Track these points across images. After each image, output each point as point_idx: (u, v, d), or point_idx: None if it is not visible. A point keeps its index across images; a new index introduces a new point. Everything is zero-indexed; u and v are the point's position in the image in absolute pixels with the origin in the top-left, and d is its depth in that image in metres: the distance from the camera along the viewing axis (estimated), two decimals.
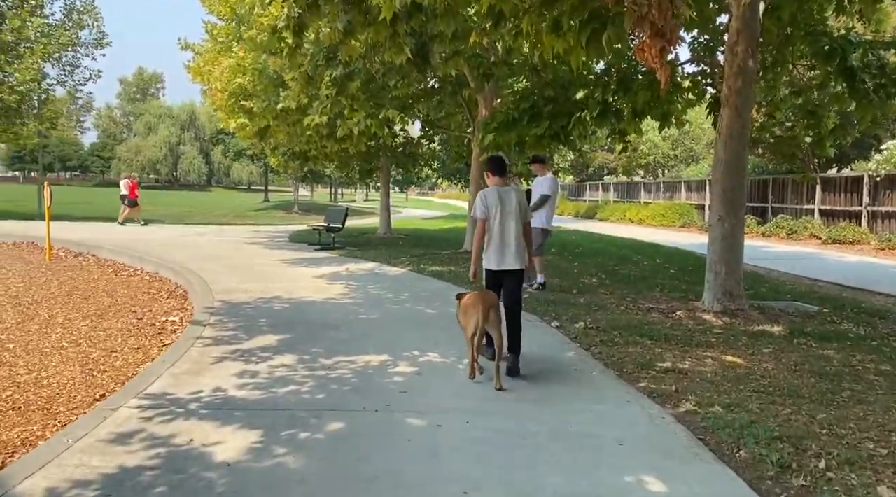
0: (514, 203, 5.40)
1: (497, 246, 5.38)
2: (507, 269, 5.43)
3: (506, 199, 5.39)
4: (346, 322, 6.90)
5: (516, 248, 5.40)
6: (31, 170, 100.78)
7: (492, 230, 5.38)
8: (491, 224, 5.37)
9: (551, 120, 10.28)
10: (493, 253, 5.41)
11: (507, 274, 5.46)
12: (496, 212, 5.35)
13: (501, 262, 5.40)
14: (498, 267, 5.42)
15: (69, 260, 13.46)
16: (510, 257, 5.40)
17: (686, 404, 4.67)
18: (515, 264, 5.43)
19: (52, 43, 23.04)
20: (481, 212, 5.39)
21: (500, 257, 5.40)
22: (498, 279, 5.50)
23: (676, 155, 37.09)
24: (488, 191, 5.45)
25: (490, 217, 5.37)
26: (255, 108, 12.91)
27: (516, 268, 5.45)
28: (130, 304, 8.80)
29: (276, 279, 9.88)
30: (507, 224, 5.36)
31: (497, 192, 5.40)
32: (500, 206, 5.35)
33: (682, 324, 7.50)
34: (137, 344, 6.73)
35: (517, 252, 5.41)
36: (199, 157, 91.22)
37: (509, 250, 5.39)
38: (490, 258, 5.44)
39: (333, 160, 18.94)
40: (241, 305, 7.56)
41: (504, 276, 5.47)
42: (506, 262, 5.40)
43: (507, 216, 5.36)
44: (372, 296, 8.67)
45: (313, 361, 5.35)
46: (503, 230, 5.36)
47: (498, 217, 5.35)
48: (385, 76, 10.61)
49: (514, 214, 5.38)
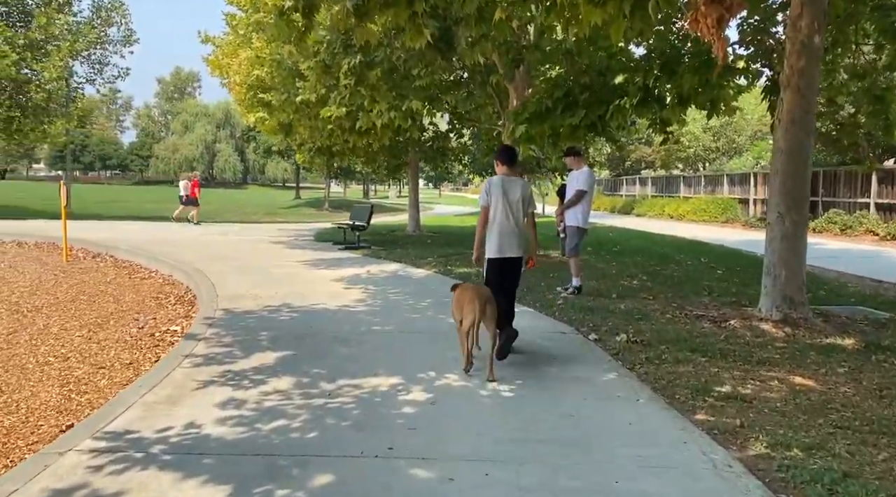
0: (518, 193, 5.52)
1: (499, 234, 5.48)
2: (507, 257, 5.55)
3: (510, 188, 5.50)
4: (357, 335, 6.17)
5: (517, 236, 5.53)
6: (73, 169, 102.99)
7: (495, 219, 5.48)
8: (494, 212, 5.48)
9: (587, 109, 9.44)
10: (495, 241, 5.51)
11: (508, 262, 5.57)
12: (500, 201, 5.45)
13: (503, 251, 5.51)
14: (499, 255, 5.53)
15: (86, 261, 13.05)
16: (512, 246, 5.52)
17: (756, 445, 3.83)
18: (516, 252, 5.55)
19: (80, 40, 22.88)
20: (485, 200, 5.53)
21: (501, 245, 5.50)
22: (499, 266, 5.59)
23: (718, 147, 35.60)
24: (494, 179, 5.57)
25: (493, 205, 5.48)
26: (274, 101, 12.29)
27: (516, 256, 5.57)
28: (135, 311, 8.24)
29: (291, 283, 9.23)
30: (510, 213, 5.47)
31: (502, 181, 5.52)
32: (504, 196, 5.46)
33: (737, 335, 6.61)
34: (130, 358, 6.12)
35: (519, 241, 5.55)
36: (235, 155, 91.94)
37: (512, 238, 5.50)
38: (492, 246, 5.53)
39: (360, 155, 18.31)
40: (245, 315, 6.89)
41: (504, 263, 5.57)
42: (507, 251, 5.51)
43: (510, 205, 5.47)
44: (391, 302, 7.94)
45: (312, 385, 4.64)
46: (506, 219, 5.47)
47: (501, 206, 5.45)
48: (407, 64, 9.86)
49: (518, 204, 5.50)
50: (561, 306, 7.80)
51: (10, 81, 20.48)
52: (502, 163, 5.66)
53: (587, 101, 9.49)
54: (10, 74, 19.87)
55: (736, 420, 4.23)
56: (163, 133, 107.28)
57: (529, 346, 5.99)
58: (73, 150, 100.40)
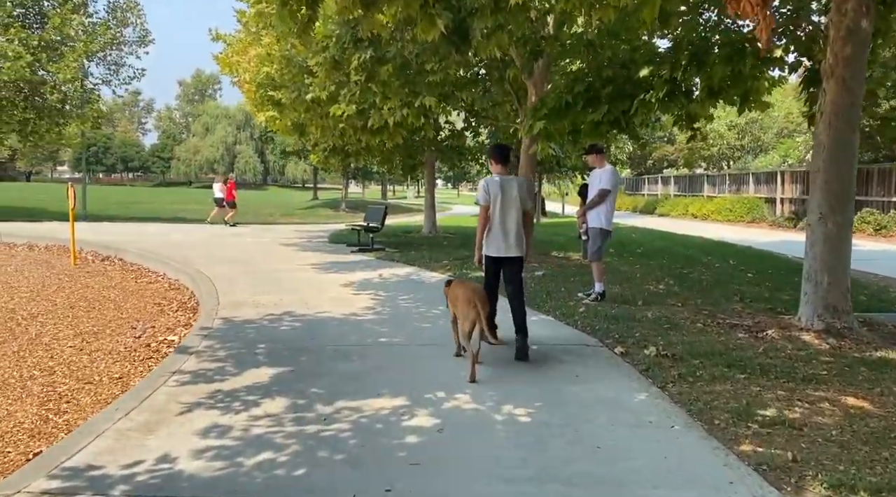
0: (515, 192, 5.53)
1: (497, 233, 5.52)
2: (507, 257, 5.59)
3: (507, 187, 5.52)
4: (361, 348, 5.70)
5: (516, 235, 5.55)
6: (96, 171, 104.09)
7: (493, 218, 5.50)
8: (492, 212, 5.50)
9: (610, 104, 8.91)
10: (493, 240, 5.55)
11: (506, 261, 5.61)
12: (497, 200, 5.47)
13: (501, 250, 5.55)
14: (497, 254, 5.57)
15: (94, 265, 12.76)
16: (510, 245, 5.55)
17: (814, 485, 3.30)
18: (515, 251, 5.58)
19: (95, 41, 22.72)
20: (483, 199, 5.53)
21: (500, 245, 5.54)
22: (498, 265, 5.65)
23: (742, 145, 34.69)
24: (490, 179, 5.58)
25: (491, 205, 5.49)
26: (284, 99, 11.88)
27: (516, 255, 5.60)
28: (134, 319, 7.85)
29: (298, 289, 8.80)
30: (507, 212, 5.50)
31: (499, 180, 5.54)
32: (501, 195, 5.47)
33: (777, 348, 6.04)
34: (121, 372, 5.71)
35: (517, 240, 5.57)
36: (255, 156, 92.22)
37: (509, 238, 5.53)
38: (490, 245, 5.57)
39: (374, 155, 17.88)
40: (244, 325, 6.46)
41: (504, 262, 5.62)
42: (506, 250, 5.55)
43: (507, 204, 5.49)
44: (401, 310, 7.47)
45: (308, 409, 4.18)
46: (504, 218, 5.50)
47: (499, 205, 5.47)
48: (419, 58, 9.38)
49: (515, 203, 5.51)
50: (583, 314, 7.27)
51: (25, 83, 20.35)
52: (497, 162, 5.69)
53: (610, 96, 8.96)
54: (25, 76, 19.73)
55: (787, 452, 3.69)
56: (184, 135, 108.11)
57: (550, 360, 5.49)
58: (95, 152, 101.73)
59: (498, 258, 5.61)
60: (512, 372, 5.18)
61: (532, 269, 11.09)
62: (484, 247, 5.64)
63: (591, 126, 9.21)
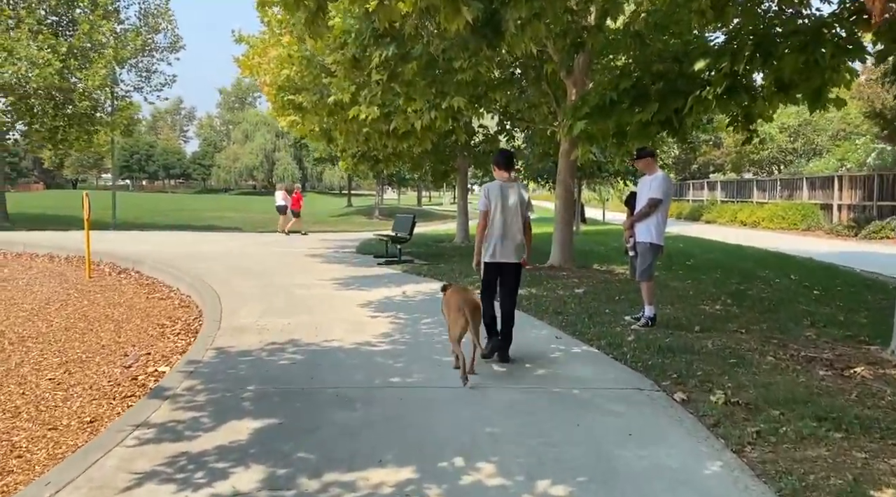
0: (516, 198, 5.58)
1: (496, 239, 5.55)
2: (506, 262, 5.60)
3: (508, 193, 5.57)
4: (367, 391, 4.80)
5: (515, 242, 5.58)
6: (139, 178, 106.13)
7: (492, 224, 5.54)
8: (492, 217, 5.54)
9: (661, 102, 7.89)
10: (492, 246, 5.57)
11: (505, 267, 5.63)
12: (497, 206, 5.52)
13: (500, 255, 5.57)
14: (495, 259, 5.59)
15: (109, 278, 12.19)
16: (509, 251, 5.57)
17: None
18: (513, 258, 5.60)
19: (128, 47, 22.49)
20: (483, 205, 5.58)
21: (498, 250, 5.56)
22: (497, 271, 5.66)
23: (795, 149, 32.93)
24: (492, 185, 5.64)
25: (491, 210, 5.54)
26: (306, 102, 11.15)
27: (514, 261, 5.63)
28: (131, 343, 7.13)
29: (311, 308, 7.98)
30: (507, 218, 5.53)
31: (500, 186, 5.60)
32: (502, 201, 5.53)
33: (873, 393, 4.95)
34: (94, 414, 4.94)
35: (516, 246, 5.59)
36: (293, 163, 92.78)
37: (508, 244, 5.56)
38: (489, 251, 5.59)
39: (404, 161, 17.08)
40: (239, 357, 5.62)
41: (503, 268, 5.64)
42: (504, 255, 5.57)
43: (507, 210, 5.53)
44: (421, 338, 6.56)
45: (288, 483, 3.29)
46: (503, 224, 5.53)
47: (499, 211, 5.52)
48: (446, 54, 8.50)
49: (515, 209, 5.55)
50: (633, 345, 6.26)
51: (55, 90, 20.16)
52: (500, 168, 5.74)
53: (660, 93, 7.94)
54: (54, 83, 19.53)
55: None
56: (224, 142, 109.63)
57: (595, 409, 4.51)
58: (138, 160, 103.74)
59: (497, 264, 5.62)
60: (548, 425, 4.22)
61: (572, 285, 10.09)
62: (483, 252, 5.64)
63: (639, 127, 8.20)
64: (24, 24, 19.84)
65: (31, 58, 19.03)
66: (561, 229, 12.04)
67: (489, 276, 5.71)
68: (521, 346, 6.16)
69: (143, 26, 24.11)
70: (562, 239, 12.05)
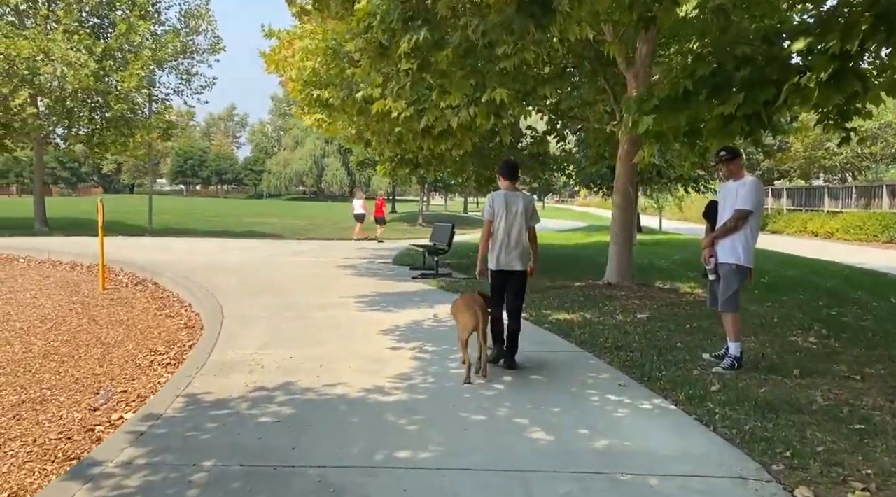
0: (521, 207, 5.67)
1: (501, 248, 5.62)
2: (511, 270, 5.65)
3: (512, 203, 5.68)
4: (363, 474, 3.47)
5: (520, 250, 5.65)
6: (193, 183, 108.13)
7: (497, 233, 5.64)
8: (496, 226, 5.64)
9: (748, 92, 6.46)
10: (497, 254, 5.64)
11: (511, 275, 5.68)
12: (502, 215, 5.63)
13: (505, 264, 5.62)
14: (500, 267, 5.63)
15: (123, 290, 11.30)
16: (514, 259, 5.63)
17: None
18: (518, 265, 5.66)
19: (168, 47, 21.95)
20: (488, 214, 5.71)
21: (503, 259, 5.62)
22: (503, 279, 5.68)
23: (872, 153, 30.39)
24: (496, 194, 5.76)
25: (495, 219, 5.65)
26: (332, 98, 10.02)
27: (519, 269, 5.68)
28: (112, 375, 6.07)
29: (323, 338, 6.78)
30: (511, 227, 5.62)
31: (504, 196, 5.72)
32: (506, 210, 5.63)
33: None
34: (18, 483, 3.83)
35: (520, 254, 5.66)
36: (342, 168, 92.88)
37: (513, 252, 5.62)
38: (494, 259, 5.66)
39: (446, 165, 15.84)
40: (211, 411, 4.40)
41: (509, 276, 5.67)
42: (509, 264, 5.63)
43: (512, 220, 5.63)
44: (447, 382, 5.25)
45: None
46: (508, 233, 5.62)
47: (503, 220, 5.62)
48: (487, 37, 7.19)
49: (519, 218, 5.64)
50: (720, 398, 4.83)
51: (91, 92, 19.70)
52: (505, 178, 5.85)
53: (747, 81, 6.52)
54: (90, 84, 19.04)
55: None
56: (275, 148, 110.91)
57: None
58: (192, 165, 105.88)
59: (503, 272, 5.66)
60: None
61: (633, 308, 8.66)
62: (489, 261, 5.69)
63: (719, 122, 6.80)
64: (61, 24, 19.42)
65: (67, 59, 18.56)
66: (619, 243, 10.58)
67: (496, 284, 5.71)
68: (576, 398, 4.82)
69: (183, 28, 23.57)
70: (620, 253, 10.59)
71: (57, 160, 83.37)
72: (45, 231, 22.04)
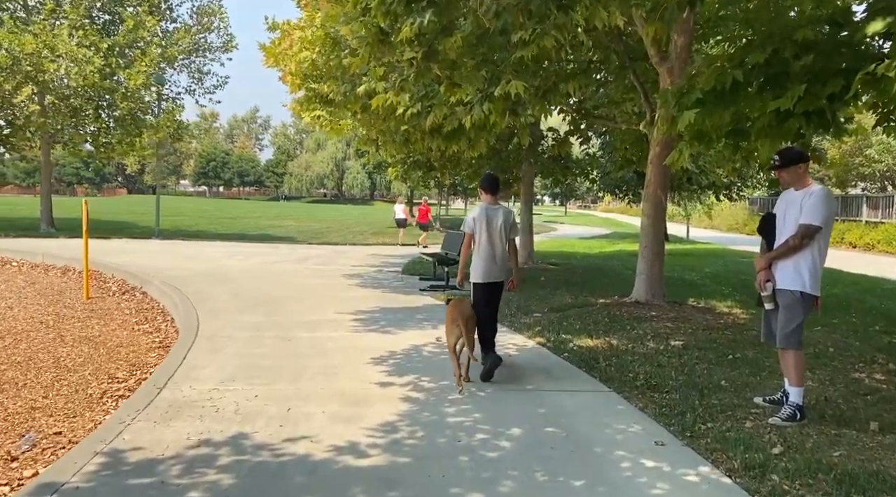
0: (500, 221, 5.80)
1: (482, 261, 5.77)
2: (493, 282, 5.81)
3: (492, 216, 5.81)
4: None
5: (501, 262, 5.82)
6: (215, 185, 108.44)
7: (479, 246, 5.79)
8: (477, 240, 5.79)
9: (810, 83, 5.39)
10: (479, 267, 5.78)
11: (492, 286, 5.82)
12: (482, 229, 5.76)
13: (487, 276, 5.78)
14: (483, 280, 5.78)
15: (109, 300, 10.46)
16: (495, 271, 5.80)
17: None
18: (500, 277, 5.84)
19: (175, 46, 21.27)
20: (469, 227, 5.84)
21: (486, 271, 5.77)
22: (485, 290, 5.81)
23: None
24: (477, 209, 5.90)
25: (477, 233, 5.78)
26: (333, 93, 9.10)
27: (502, 280, 5.87)
28: (55, 410, 5.17)
29: (300, 369, 5.81)
30: (492, 241, 5.77)
31: (486, 209, 5.84)
32: (487, 224, 5.76)
33: None
34: None
35: (501, 266, 5.83)
36: (363, 172, 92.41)
37: (494, 265, 5.78)
38: (476, 272, 5.79)
39: (461, 168, 14.87)
40: (130, 477, 3.39)
41: (491, 287, 5.82)
42: (491, 276, 5.79)
43: (492, 233, 5.77)
44: (441, 437, 4.22)
45: None
46: (490, 246, 5.76)
47: (484, 234, 5.75)
48: (502, 18, 6.20)
49: (500, 232, 5.78)
50: (784, 466, 3.76)
51: (95, 89, 19.04)
52: (486, 192, 5.98)
53: (809, 72, 5.45)
54: (94, 81, 18.37)
55: None
56: (297, 151, 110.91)
57: None
58: (214, 167, 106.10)
59: (486, 284, 5.78)
60: None
61: (665, 332, 7.59)
62: (474, 275, 5.79)
63: (771, 120, 5.74)
64: (68, 19, 18.81)
65: (72, 55, 17.92)
66: (649, 257, 9.50)
67: (483, 296, 5.79)
68: (602, 464, 3.79)
69: (195, 25, 22.89)
70: (650, 268, 9.50)
71: (81, 161, 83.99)
72: (50, 232, 21.44)
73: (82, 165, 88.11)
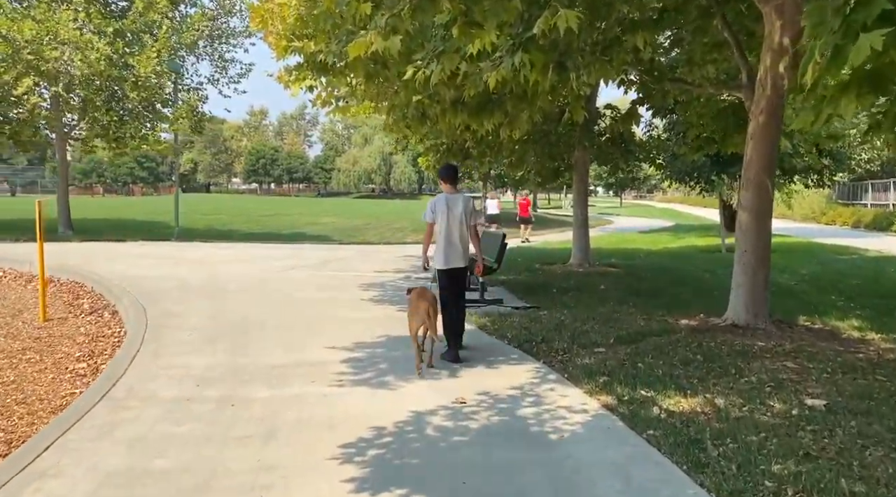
0: (460, 209, 6.08)
1: (443, 248, 6.05)
2: (454, 268, 6.10)
3: (452, 205, 6.07)
4: None
5: (462, 248, 6.11)
6: (265, 182, 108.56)
7: (440, 234, 6.05)
8: (439, 228, 6.07)
9: None
10: (440, 254, 6.07)
11: (455, 271, 6.13)
12: (443, 217, 6.03)
13: (448, 262, 6.07)
14: (444, 266, 6.08)
15: (68, 323, 8.56)
16: (456, 257, 6.09)
17: None
18: (461, 262, 6.13)
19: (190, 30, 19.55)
20: (430, 217, 6.12)
21: (446, 258, 6.06)
22: (452, 278, 6.13)
23: None
24: (437, 198, 6.17)
25: (438, 222, 6.06)
26: (324, 55, 6.90)
27: (461, 266, 6.15)
28: None
29: (227, 472, 3.66)
30: (452, 228, 6.04)
31: (446, 199, 6.10)
32: (447, 212, 6.02)
33: None
34: None
35: (463, 252, 6.14)
36: (410, 166, 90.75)
37: (455, 251, 6.07)
38: (438, 259, 6.09)
39: (503, 154, 12.54)
40: None
41: (453, 272, 6.12)
42: (452, 262, 6.08)
43: (453, 221, 6.04)
44: None
45: None
46: (449, 233, 6.04)
47: (445, 222, 6.03)
48: None
49: (460, 219, 6.05)
50: None
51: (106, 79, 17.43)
52: (445, 181, 6.24)
53: None
54: (100, 69, 16.74)
55: None
56: (345, 146, 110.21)
57: None
58: (263, 164, 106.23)
59: (450, 270, 6.05)
60: None
61: (790, 379, 5.14)
62: (437, 261, 6.05)
63: None
64: (72, 3, 17.22)
65: (75, 41, 16.31)
66: (750, 264, 7.01)
67: (446, 283, 6.07)
68: None
69: (216, 7, 21.14)
70: (751, 280, 7.02)
71: (134, 160, 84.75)
72: (67, 235, 20.05)
73: (136, 165, 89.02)
